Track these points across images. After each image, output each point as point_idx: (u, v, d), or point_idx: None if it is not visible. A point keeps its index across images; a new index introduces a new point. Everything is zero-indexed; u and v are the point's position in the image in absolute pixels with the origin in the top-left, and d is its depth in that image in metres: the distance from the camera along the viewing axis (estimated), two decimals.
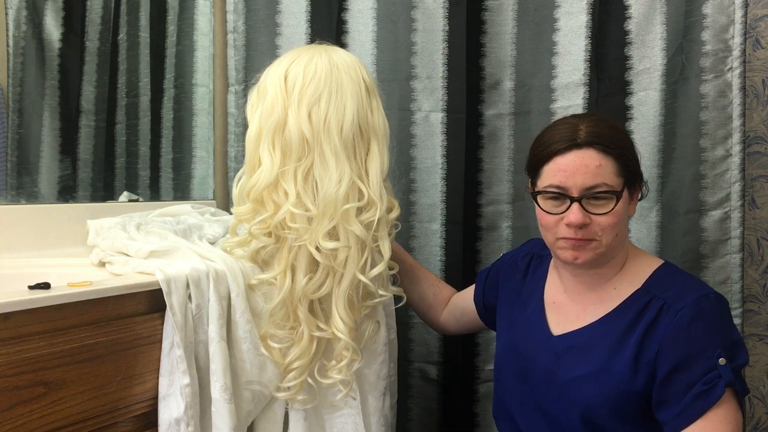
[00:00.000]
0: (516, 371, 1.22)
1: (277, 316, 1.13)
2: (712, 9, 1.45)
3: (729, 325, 1.08)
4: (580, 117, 1.15)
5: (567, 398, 1.12)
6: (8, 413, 0.86)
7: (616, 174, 1.09)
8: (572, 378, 1.12)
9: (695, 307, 1.05)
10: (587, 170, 1.07)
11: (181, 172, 1.69)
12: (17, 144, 1.37)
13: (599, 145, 1.08)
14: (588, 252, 1.10)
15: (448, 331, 1.49)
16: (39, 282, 0.93)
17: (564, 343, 1.16)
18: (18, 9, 1.37)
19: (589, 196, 1.07)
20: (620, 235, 1.11)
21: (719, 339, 1.04)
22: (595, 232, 1.08)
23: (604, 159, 1.08)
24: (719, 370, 1.02)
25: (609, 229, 1.08)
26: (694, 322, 1.05)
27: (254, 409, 1.14)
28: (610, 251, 1.12)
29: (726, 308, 1.10)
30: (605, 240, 1.09)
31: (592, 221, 1.08)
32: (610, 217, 1.08)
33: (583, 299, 1.17)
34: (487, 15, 1.61)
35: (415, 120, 1.62)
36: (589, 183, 1.07)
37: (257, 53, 1.67)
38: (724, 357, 1.02)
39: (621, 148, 1.10)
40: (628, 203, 1.12)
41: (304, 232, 1.12)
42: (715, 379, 1.02)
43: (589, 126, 1.10)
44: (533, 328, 1.22)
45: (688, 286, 1.10)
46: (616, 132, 1.13)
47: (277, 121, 1.15)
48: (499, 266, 1.38)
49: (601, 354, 1.10)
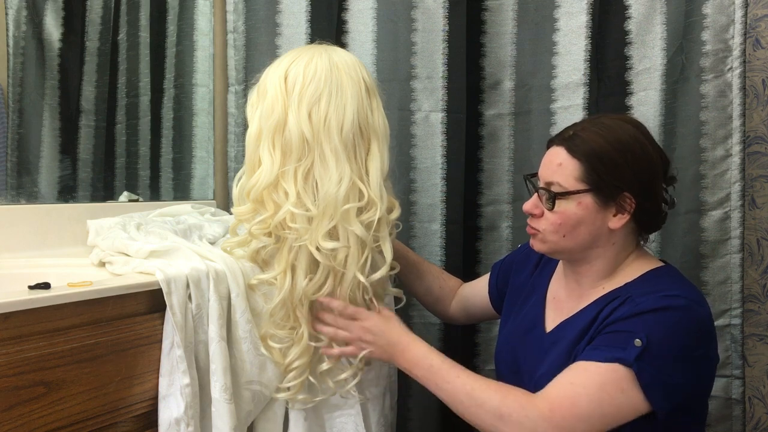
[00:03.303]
0: (510, 363, 1.24)
1: (277, 316, 1.13)
2: (712, 9, 1.45)
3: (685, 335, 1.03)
4: (592, 118, 1.20)
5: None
6: (8, 413, 0.86)
7: (577, 178, 1.09)
8: (544, 372, 1.13)
9: (657, 301, 1.04)
10: (550, 166, 1.13)
11: (181, 172, 1.69)
12: (17, 144, 1.37)
13: (568, 146, 1.12)
14: (537, 242, 1.16)
15: (457, 322, 1.51)
16: (39, 282, 0.93)
17: (550, 338, 1.18)
18: (18, 9, 1.37)
19: (545, 191, 1.12)
20: (572, 239, 1.11)
21: (654, 330, 1.02)
22: (538, 225, 1.14)
23: (568, 159, 1.11)
24: (627, 346, 1.01)
25: (551, 226, 1.12)
26: (648, 312, 1.03)
27: (254, 409, 1.14)
28: (564, 251, 1.14)
29: (698, 323, 1.05)
30: (548, 236, 1.13)
31: (543, 214, 1.13)
32: (554, 215, 1.11)
33: (576, 296, 1.18)
34: (487, 15, 1.61)
35: (415, 120, 1.62)
36: (547, 178, 1.13)
37: (257, 53, 1.67)
38: (642, 341, 1.01)
39: (593, 156, 1.09)
40: (593, 212, 1.10)
41: (304, 232, 1.12)
42: (615, 350, 1.02)
43: (578, 128, 1.14)
44: (529, 324, 1.23)
45: (667, 286, 1.08)
46: (604, 141, 1.10)
47: (277, 121, 1.15)
48: (512, 257, 1.39)
49: (567, 345, 1.12)
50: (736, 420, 1.49)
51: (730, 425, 1.49)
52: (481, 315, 1.46)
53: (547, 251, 1.17)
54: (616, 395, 1.02)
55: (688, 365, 1.04)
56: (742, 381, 1.48)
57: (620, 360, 1.01)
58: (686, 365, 1.04)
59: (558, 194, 1.10)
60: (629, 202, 1.10)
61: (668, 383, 1.02)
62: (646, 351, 1.01)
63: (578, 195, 1.09)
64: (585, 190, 1.09)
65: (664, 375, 1.02)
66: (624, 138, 1.11)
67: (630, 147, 1.11)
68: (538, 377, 1.14)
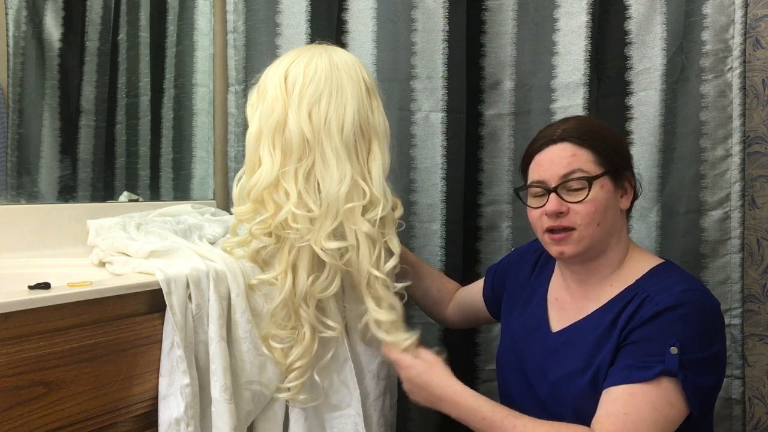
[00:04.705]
0: (515, 365, 1.24)
1: (279, 316, 1.13)
2: (712, 9, 1.45)
3: (706, 331, 1.06)
4: (564, 120, 1.22)
5: (559, 394, 1.13)
6: (8, 413, 0.86)
7: (593, 162, 1.11)
8: (562, 375, 1.13)
9: (676, 298, 1.05)
10: (561, 160, 1.12)
11: (181, 172, 1.69)
12: (17, 144, 1.37)
13: (573, 138, 1.13)
14: (571, 245, 1.12)
15: (454, 325, 1.50)
16: (39, 282, 0.93)
17: (559, 339, 1.17)
18: (18, 9, 1.37)
19: (566, 186, 1.11)
20: (603, 225, 1.12)
21: (682, 332, 1.03)
22: (573, 221, 1.11)
23: (578, 149, 1.12)
24: (665, 356, 1.02)
25: (587, 216, 1.10)
26: (669, 310, 1.05)
27: (254, 409, 1.14)
28: (595, 243, 1.12)
29: (714, 314, 1.08)
30: (585, 229, 1.11)
31: (570, 210, 1.11)
32: (587, 204, 1.10)
33: (582, 296, 1.18)
34: (487, 15, 1.61)
35: (415, 120, 1.62)
36: (563, 171, 1.11)
37: (257, 53, 1.67)
38: (677, 347, 1.02)
39: (597, 139, 1.13)
40: (612, 194, 1.13)
41: (306, 233, 1.12)
42: (656, 363, 1.02)
43: (567, 124, 1.16)
44: (534, 324, 1.23)
45: (679, 281, 1.10)
46: (597, 128, 1.16)
47: (278, 121, 1.15)
48: (508, 260, 1.39)
49: (587, 349, 1.11)
50: (736, 420, 1.49)
51: (730, 425, 1.49)
52: (476, 319, 1.46)
53: (580, 250, 1.12)
54: (667, 410, 1.02)
55: (713, 362, 1.06)
56: (742, 381, 1.48)
57: (664, 372, 1.02)
58: (712, 362, 1.06)
59: (592, 178, 1.10)
60: (630, 181, 1.16)
61: (701, 384, 1.04)
62: (682, 356, 1.02)
63: (601, 178, 1.11)
64: (604, 172, 1.11)
65: (698, 376, 1.03)
66: (606, 125, 1.20)
67: (614, 132, 1.20)
68: (555, 381, 1.13)
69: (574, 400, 1.11)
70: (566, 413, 1.12)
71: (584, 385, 1.10)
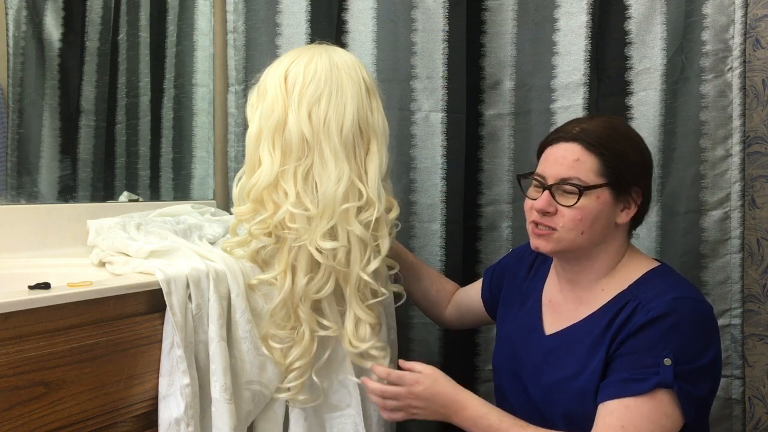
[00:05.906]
0: (510, 367, 1.24)
1: (278, 316, 1.13)
2: (712, 9, 1.45)
3: (699, 340, 1.05)
4: (590, 117, 1.20)
5: (551, 398, 1.13)
6: (8, 413, 0.86)
7: (595, 171, 1.09)
8: (554, 379, 1.13)
9: (668, 306, 1.05)
10: (564, 162, 1.11)
11: (181, 172, 1.69)
12: (17, 144, 1.37)
13: (583, 141, 1.10)
14: (549, 243, 1.12)
15: (452, 327, 1.50)
16: (39, 282, 0.93)
17: (552, 342, 1.17)
18: (18, 9, 1.37)
19: (561, 187, 1.10)
20: (588, 235, 1.10)
21: (676, 343, 1.03)
22: (557, 223, 1.11)
23: (585, 155, 1.10)
24: (660, 368, 1.02)
25: (570, 222, 1.09)
26: (661, 318, 1.04)
27: (254, 409, 1.14)
28: (576, 249, 1.12)
29: (706, 322, 1.08)
30: (566, 234, 1.10)
31: (558, 212, 1.10)
32: (575, 211, 1.09)
33: (574, 298, 1.18)
34: (487, 15, 1.61)
35: (415, 120, 1.62)
36: (563, 174, 1.10)
37: (257, 53, 1.67)
38: (671, 359, 1.02)
39: (609, 148, 1.10)
40: (609, 206, 1.11)
41: (303, 233, 1.12)
42: (650, 375, 1.02)
43: (588, 124, 1.13)
44: (528, 326, 1.23)
45: (671, 287, 1.09)
46: (616, 135, 1.12)
47: (277, 121, 1.15)
48: (505, 261, 1.39)
49: (580, 354, 1.11)
50: (736, 420, 1.49)
51: (730, 425, 1.49)
52: (474, 320, 1.45)
53: (558, 250, 1.13)
54: (663, 422, 1.02)
55: (708, 370, 1.05)
56: (742, 381, 1.48)
57: (659, 385, 1.01)
58: (707, 370, 1.05)
59: (585, 188, 1.08)
60: (636, 197, 1.13)
61: (696, 394, 1.03)
62: (676, 367, 1.02)
63: (598, 189, 1.09)
64: (604, 184, 1.10)
65: (693, 386, 1.02)
66: (630, 133, 1.16)
67: (636, 142, 1.15)
68: (548, 385, 1.13)
69: (564, 404, 1.11)
70: (557, 417, 1.12)
71: (575, 390, 1.09)
